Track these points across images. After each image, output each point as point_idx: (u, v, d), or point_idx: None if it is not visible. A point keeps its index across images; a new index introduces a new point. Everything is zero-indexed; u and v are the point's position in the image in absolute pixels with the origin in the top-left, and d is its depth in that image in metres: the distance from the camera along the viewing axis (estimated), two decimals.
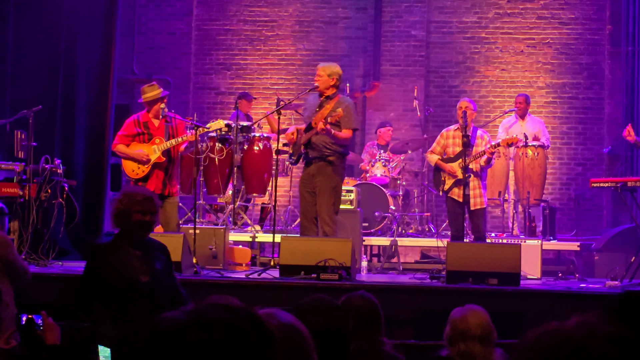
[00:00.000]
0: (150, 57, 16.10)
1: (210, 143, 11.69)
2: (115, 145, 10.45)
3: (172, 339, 1.68)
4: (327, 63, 10.35)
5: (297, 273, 8.90)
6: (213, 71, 16.03)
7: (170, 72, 15.91)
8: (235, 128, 11.80)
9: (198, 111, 13.62)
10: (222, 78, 15.98)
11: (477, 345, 4.89)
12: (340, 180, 10.08)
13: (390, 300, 8.32)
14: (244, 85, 15.61)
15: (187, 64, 16.05)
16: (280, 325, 2.36)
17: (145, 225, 6.23)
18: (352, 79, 15.40)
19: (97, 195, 11.99)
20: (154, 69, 15.91)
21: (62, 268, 9.80)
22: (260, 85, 15.78)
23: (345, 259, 8.90)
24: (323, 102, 10.02)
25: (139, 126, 10.31)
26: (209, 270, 9.75)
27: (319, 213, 9.87)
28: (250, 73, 15.94)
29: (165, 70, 15.90)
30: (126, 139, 10.32)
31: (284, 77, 15.80)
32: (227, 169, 11.85)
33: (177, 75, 15.93)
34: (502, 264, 9.01)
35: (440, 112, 15.43)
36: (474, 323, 4.95)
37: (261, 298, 8.33)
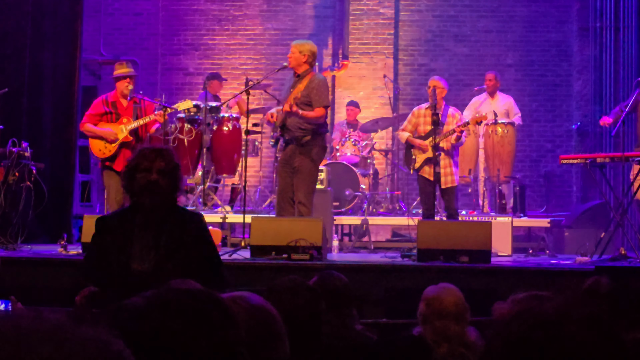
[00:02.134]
0: (117, 38, 15.97)
1: (179, 124, 11.62)
2: (83, 124, 10.39)
3: (131, 326, 1.65)
4: (300, 40, 10.31)
5: (268, 253, 8.88)
6: (181, 52, 15.92)
7: (137, 52, 15.78)
8: (204, 109, 11.73)
9: (166, 92, 13.50)
10: (190, 58, 15.89)
11: (452, 323, 4.89)
12: (316, 161, 10.00)
13: (362, 279, 8.32)
14: (213, 66, 15.51)
15: (154, 44, 15.93)
16: (250, 308, 2.33)
17: (151, 186, 4.83)
18: (321, 57, 15.34)
19: (66, 178, 11.92)
20: (122, 50, 15.78)
21: (31, 252, 9.71)
22: (229, 65, 15.69)
23: (316, 238, 8.88)
24: (296, 81, 9.98)
25: (107, 105, 10.25)
26: None
27: (295, 193, 9.83)
28: (218, 53, 15.84)
29: (132, 51, 15.77)
30: (94, 118, 10.26)
31: (253, 57, 15.73)
32: (197, 149, 11.79)
33: (144, 56, 15.81)
34: (473, 241, 9.02)
35: (410, 90, 15.43)
36: (449, 301, 4.95)
37: (232, 279, 8.29)
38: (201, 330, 1.66)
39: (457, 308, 4.94)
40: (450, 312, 4.92)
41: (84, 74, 13.26)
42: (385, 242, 12.76)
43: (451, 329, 4.88)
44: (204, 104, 11.79)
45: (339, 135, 13.65)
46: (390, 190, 13.48)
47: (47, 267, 8.79)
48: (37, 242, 10.59)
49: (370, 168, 13.19)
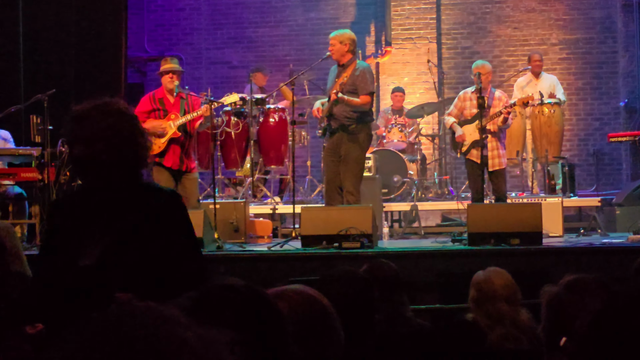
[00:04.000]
0: (161, 34, 16.09)
1: (226, 117, 11.69)
2: None
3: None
4: (338, 31, 10.31)
5: (319, 243, 8.91)
6: (225, 45, 16.00)
7: (181, 48, 15.89)
8: (250, 101, 11.79)
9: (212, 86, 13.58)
10: (234, 52, 15.96)
11: (504, 305, 4.91)
12: (363, 149, 10.09)
13: (413, 265, 8.33)
14: (257, 58, 15.57)
15: (198, 39, 16.03)
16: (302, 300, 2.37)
17: (88, 162, 3.59)
18: (364, 45, 15.35)
19: None
20: (166, 46, 15.90)
21: None
22: (273, 56, 15.74)
23: (366, 226, 8.90)
24: (340, 71, 10.03)
25: (154, 102, 10.33)
26: (231, 245, 9.77)
27: (343, 182, 9.89)
28: (261, 45, 15.90)
29: (176, 47, 15.88)
30: (142, 116, 10.33)
31: (296, 47, 15.76)
32: (244, 142, 11.86)
33: (188, 51, 15.92)
34: (524, 223, 8.98)
35: (454, 74, 15.39)
36: (499, 284, 4.97)
37: (284, 269, 8.35)
38: (249, 329, 1.69)
39: (507, 290, 4.96)
40: (500, 295, 4.94)
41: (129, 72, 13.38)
42: (435, 227, 12.74)
43: (503, 311, 4.90)
44: (250, 97, 11.86)
45: (383, 122, 13.64)
46: (439, 175, 13.47)
47: None
48: None
49: (418, 154, 13.17)
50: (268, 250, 9.12)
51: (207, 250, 8.91)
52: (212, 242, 9.27)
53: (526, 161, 12.97)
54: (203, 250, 3.98)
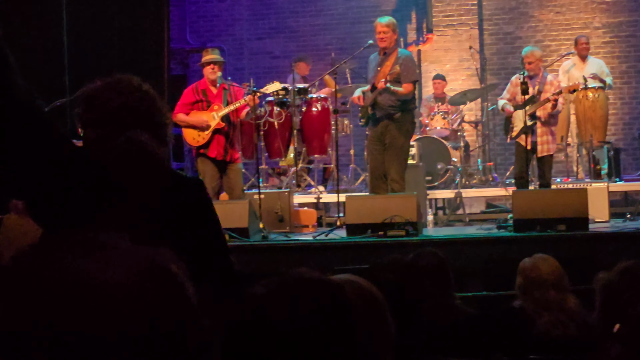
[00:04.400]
0: (202, 25, 16.15)
1: (269, 107, 11.73)
2: (175, 114, 10.53)
3: (254, 316, 1.70)
4: (385, 18, 10.29)
5: (363, 231, 8.92)
6: (266, 35, 16.03)
7: (223, 39, 15.93)
8: (293, 91, 11.82)
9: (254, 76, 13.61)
10: (275, 42, 15.98)
11: (551, 292, 4.90)
12: (408, 137, 10.16)
13: (459, 252, 8.32)
14: (298, 48, 15.58)
15: (240, 30, 16.07)
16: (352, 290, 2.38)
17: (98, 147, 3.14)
18: (405, 33, 15.31)
19: None
20: (208, 37, 15.96)
21: None
22: (314, 46, 15.74)
23: (410, 214, 8.90)
24: (382, 59, 10.05)
25: (197, 94, 10.39)
26: (277, 234, 9.81)
27: (388, 170, 9.93)
28: (303, 35, 15.91)
29: (218, 38, 15.93)
30: (185, 108, 10.41)
31: (337, 36, 15.75)
32: (287, 132, 11.88)
33: (230, 42, 15.96)
34: (569, 209, 8.94)
35: (497, 60, 15.30)
36: (546, 270, 4.97)
37: (330, 258, 8.37)
38: (321, 320, 1.70)
39: (554, 276, 4.95)
40: (548, 281, 4.93)
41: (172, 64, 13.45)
42: (479, 213, 12.70)
43: (551, 297, 4.89)
44: (292, 86, 11.88)
45: (426, 110, 13.62)
46: (483, 161, 13.42)
47: None
48: None
49: (461, 140, 13.13)
50: (313, 239, 9.16)
51: (253, 240, 8.96)
52: (257, 232, 9.32)
53: (571, 146, 12.88)
54: (229, 241, 3.37)
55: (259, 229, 9.42)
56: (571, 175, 12.80)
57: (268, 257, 8.51)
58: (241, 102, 10.28)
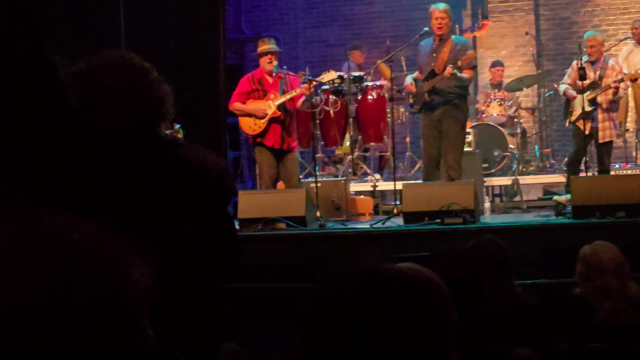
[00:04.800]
0: (258, 15, 16.19)
1: (325, 96, 11.74)
2: (231, 103, 10.61)
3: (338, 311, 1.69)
4: (441, 4, 10.25)
5: (420, 219, 8.90)
6: (321, 24, 16.03)
7: (278, 28, 15.97)
8: (348, 79, 11.82)
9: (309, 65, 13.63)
10: (330, 30, 15.98)
11: (612, 279, 4.87)
12: (464, 124, 10.23)
13: (517, 240, 8.24)
14: (353, 36, 15.56)
15: (294, 19, 16.09)
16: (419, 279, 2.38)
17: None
18: (461, 19, 15.23)
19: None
20: (263, 27, 16.00)
21: None
22: (369, 34, 15.72)
23: (468, 202, 8.86)
24: (438, 45, 10.03)
25: (253, 83, 10.45)
26: (333, 223, 9.83)
27: (445, 157, 9.94)
28: (357, 23, 15.88)
29: (273, 27, 15.97)
30: (242, 97, 10.47)
31: (392, 24, 15.70)
32: (343, 120, 11.89)
33: (285, 31, 15.99)
34: (629, 195, 8.81)
35: (553, 45, 15.16)
36: (607, 257, 4.93)
37: (387, 247, 8.36)
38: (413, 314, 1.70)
39: (615, 263, 4.92)
40: (608, 268, 4.89)
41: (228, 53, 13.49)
42: (537, 200, 12.60)
43: (611, 285, 4.86)
44: (348, 75, 11.88)
45: (483, 96, 13.55)
46: (540, 148, 13.32)
47: None
48: None
49: (518, 127, 13.04)
50: (370, 227, 9.16)
51: (310, 228, 8.99)
52: (314, 221, 9.34)
53: (630, 132, 12.75)
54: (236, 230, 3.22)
55: (316, 217, 9.44)
56: (630, 160, 12.67)
57: (326, 245, 8.53)
58: (297, 91, 10.31)
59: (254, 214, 9.06)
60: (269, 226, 8.89)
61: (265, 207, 9.10)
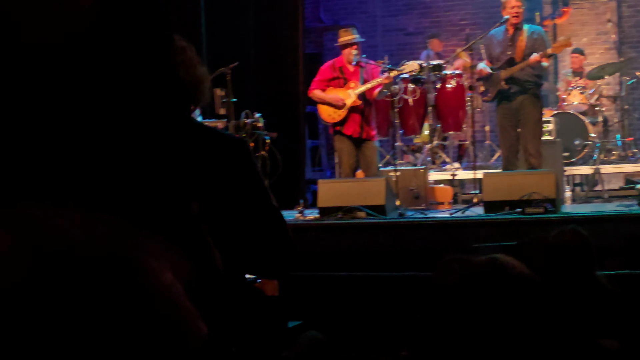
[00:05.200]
0: (336, 3, 16.22)
1: (403, 84, 11.72)
2: (311, 90, 10.65)
3: (445, 307, 1.67)
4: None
5: (501, 209, 8.84)
6: (399, 12, 15.99)
7: (357, 16, 15.97)
8: (427, 67, 11.78)
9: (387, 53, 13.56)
10: (408, 18, 15.93)
11: None
12: (541, 111, 10.25)
13: (600, 230, 8.15)
14: (432, 24, 15.51)
15: (373, 7, 16.08)
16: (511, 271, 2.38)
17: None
18: (541, 6, 15.07)
19: (297, 144, 12.23)
20: (341, 15, 16.02)
21: None
22: (448, 22, 15.64)
23: (549, 191, 8.78)
24: (515, 34, 10.03)
25: (334, 71, 10.48)
26: (413, 212, 9.82)
27: (525, 145, 9.94)
28: (436, 11, 15.81)
29: (352, 16, 15.98)
30: (322, 84, 10.50)
31: (471, 11, 15.60)
32: (422, 109, 11.86)
33: (364, 19, 15.98)
34: None
35: (635, 32, 14.94)
36: None
37: (467, 236, 8.33)
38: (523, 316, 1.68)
39: None
40: None
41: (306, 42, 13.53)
42: (618, 190, 12.44)
43: None
44: (427, 63, 11.85)
45: (563, 84, 13.41)
46: (622, 137, 13.14)
47: None
48: None
49: (599, 115, 12.88)
50: (450, 217, 9.13)
51: (390, 217, 9.00)
52: (394, 210, 9.35)
53: None
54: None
55: (395, 206, 9.45)
56: None
57: (405, 234, 8.53)
58: (378, 80, 10.32)
59: (333, 203, 9.09)
60: (349, 215, 8.92)
61: (345, 195, 9.13)
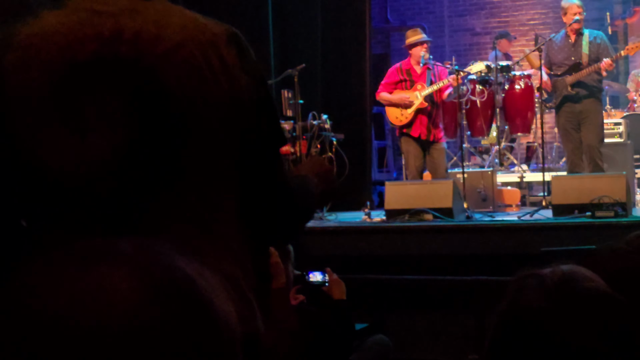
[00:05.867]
0: (403, 4, 16.16)
1: (471, 86, 11.63)
2: (378, 93, 10.66)
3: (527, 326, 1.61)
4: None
5: (570, 212, 8.74)
6: (467, 12, 15.89)
7: (424, 17, 15.90)
8: (495, 68, 11.68)
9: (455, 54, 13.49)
10: (476, 18, 15.82)
11: None
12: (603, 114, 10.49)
13: None
14: (499, 24, 15.38)
15: (440, 7, 15.99)
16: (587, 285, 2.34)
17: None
18: (612, 6, 14.88)
19: (364, 146, 12.21)
20: (408, 16, 15.96)
21: (337, 221, 9.95)
22: (516, 22, 15.50)
23: (619, 194, 8.66)
24: (577, 39, 10.14)
25: (401, 73, 10.47)
26: (480, 214, 9.74)
27: (591, 148, 10.03)
28: (504, 10, 15.68)
29: (419, 16, 15.92)
30: (389, 87, 10.50)
31: (540, 11, 15.45)
32: (490, 110, 11.75)
33: (431, 20, 15.91)
34: None
35: None
36: None
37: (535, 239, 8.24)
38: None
39: None
40: None
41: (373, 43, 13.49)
42: None
43: None
44: (495, 64, 11.75)
45: (633, 85, 13.22)
46: None
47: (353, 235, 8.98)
48: (340, 211, 10.79)
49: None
50: (518, 220, 9.04)
51: (457, 220, 8.93)
52: (461, 212, 9.28)
53: None
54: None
55: (463, 208, 9.38)
56: None
57: (473, 237, 8.46)
58: (445, 82, 10.29)
59: (400, 205, 9.06)
60: (416, 217, 8.87)
61: (412, 198, 9.08)
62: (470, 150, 12.67)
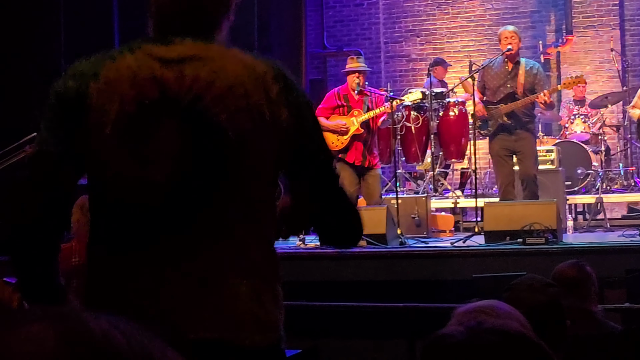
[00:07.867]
0: (339, 30, 16.24)
1: (406, 112, 11.72)
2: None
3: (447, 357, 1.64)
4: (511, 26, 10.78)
5: (502, 239, 8.85)
6: (403, 39, 16.03)
7: (359, 43, 16.00)
8: (430, 95, 11.79)
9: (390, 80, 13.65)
10: (412, 45, 15.96)
11: None
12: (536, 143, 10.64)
13: (600, 261, 8.12)
14: (435, 51, 15.54)
15: (376, 33, 16.11)
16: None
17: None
18: (544, 34, 15.12)
19: None
20: (344, 42, 16.05)
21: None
22: (451, 48, 15.67)
23: (550, 221, 8.78)
24: (514, 68, 10.25)
25: (339, 98, 10.51)
26: (414, 240, 9.80)
27: (527, 176, 10.17)
28: (440, 37, 15.85)
29: (355, 42, 16.02)
30: (326, 112, 10.52)
31: (474, 38, 15.64)
32: (424, 136, 11.85)
33: (367, 46, 16.01)
34: None
35: (639, 61, 14.95)
36: None
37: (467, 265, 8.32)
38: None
39: None
40: None
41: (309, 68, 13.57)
42: (620, 219, 12.45)
43: None
44: (429, 91, 11.85)
45: (566, 112, 13.42)
46: (624, 166, 13.14)
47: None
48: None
49: (602, 144, 12.87)
50: (451, 246, 9.13)
51: (391, 246, 8.99)
52: (395, 238, 9.34)
53: None
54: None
55: (396, 234, 9.44)
56: None
57: (406, 263, 8.52)
58: (381, 109, 10.35)
59: None
60: None
61: None
62: (405, 175, 12.76)
